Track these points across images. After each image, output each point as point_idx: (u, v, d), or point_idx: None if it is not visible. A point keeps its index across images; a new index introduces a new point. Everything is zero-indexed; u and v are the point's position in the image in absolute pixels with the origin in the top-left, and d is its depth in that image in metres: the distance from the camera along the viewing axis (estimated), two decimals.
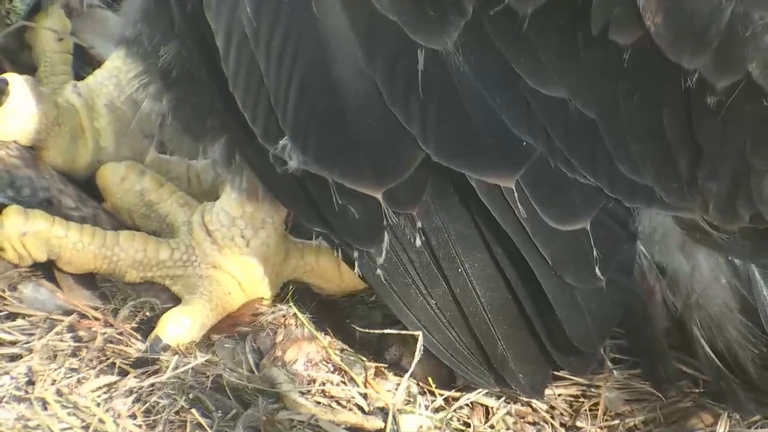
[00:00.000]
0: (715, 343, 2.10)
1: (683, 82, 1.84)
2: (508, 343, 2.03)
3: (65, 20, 2.51)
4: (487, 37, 1.84)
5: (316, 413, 1.98)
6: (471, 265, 1.99)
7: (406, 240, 1.98)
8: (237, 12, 1.84)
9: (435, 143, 1.89)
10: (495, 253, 1.98)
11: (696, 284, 2.07)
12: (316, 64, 1.86)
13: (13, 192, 2.20)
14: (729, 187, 1.92)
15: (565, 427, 2.13)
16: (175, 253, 2.17)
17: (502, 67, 1.86)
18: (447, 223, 1.97)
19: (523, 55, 1.85)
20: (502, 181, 1.92)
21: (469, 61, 1.86)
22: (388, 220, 1.95)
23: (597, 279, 1.98)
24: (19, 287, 2.11)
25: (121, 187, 2.26)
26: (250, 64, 1.87)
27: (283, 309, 2.18)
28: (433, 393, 2.10)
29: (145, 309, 2.12)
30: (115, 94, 2.35)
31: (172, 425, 1.93)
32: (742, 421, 2.12)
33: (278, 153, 1.90)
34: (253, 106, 1.89)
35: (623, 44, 1.83)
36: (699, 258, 2.06)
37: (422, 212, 1.96)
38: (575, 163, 1.91)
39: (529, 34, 1.83)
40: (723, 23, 1.80)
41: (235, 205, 2.15)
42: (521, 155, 1.91)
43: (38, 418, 1.90)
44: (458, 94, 1.87)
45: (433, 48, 1.84)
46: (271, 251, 2.18)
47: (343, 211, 1.94)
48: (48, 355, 2.01)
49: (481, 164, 1.92)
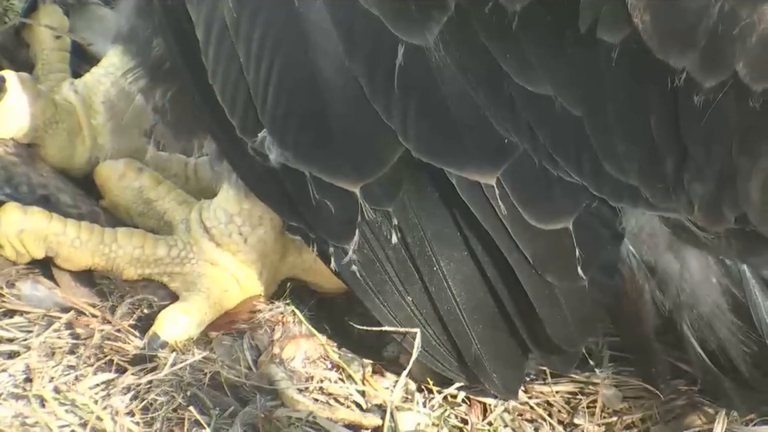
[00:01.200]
0: (707, 343, 2.09)
1: (671, 81, 1.83)
2: (482, 342, 2.02)
3: (63, 18, 2.51)
4: (473, 33, 1.84)
5: (314, 410, 1.98)
6: (447, 264, 1.99)
7: (383, 236, 1.97)
8: (218, 3, 1.84)
9: (415, 139, 1.88)
10: (475, 252, 1.97)
11: (685, 284, 2.06)
12: (297, 57, 1.85)
13: (10, 189, 2.20)
14: (714, 189, 1.91)
15: (563, 424, 2.13)
16: (172, 250, 2.17)
17: (487, 63, 1.85)
18: (423, 221, 1.96)
19: (509, 52, 1.85)
20: (482, 178, 1.91)
21: (453, 56, 1.85)
22: (365, 215, 1.94)
23: (579, 278, 1.97)
24: (16, 284, 2.11)
25: (119, 185, 2.26)
26: (229, 56, 1.86)
27: (280, 306, 2.18)
28: (430, 390, 2.10)
29: (142, 306, 2.12)
30: (113, 92, 2.34)
31: (170, 422, 1.93)
32: (740, 419, 2.12)
33: (257, 146, 1.90)
34: (231, 98, 1.89)
35: (611, 42, 1.82)
36: (688, 257, 2.05)
37: (398, 209, 1.95)
38: (560, 162, 1.90)
39: (517, 31, 1.82)
40: (711, 21, 1.79)
41: (232, 202, 2.15)
42: (503, 152, 1.90)
43: (36, 415, 1.90)
44: (439, 89, 1.86)
45: (415, 43, 1.83)
46: (268, 248, 2.18)
47: (319, 206, 1.93)
48: (46, 352, 2.01)
49: (461, 161, 1.91)
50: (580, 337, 2.06)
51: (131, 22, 2.02)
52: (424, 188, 1.95)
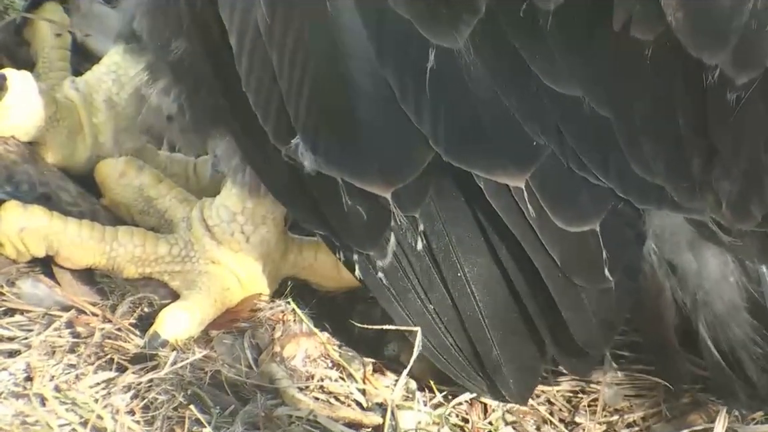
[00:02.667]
0: (720, 343, 2.09)
1: (704, 78, 1.84)
2: (502, 348, 2.02)
3: (64, 16, 2.50)
4: (503, 34, 1.84)
5: (315, 409, 1.98)
6: (470, 269, 1.98)
7: (407, 243, 1.97)
8: (251, 11, 1.83)
9: (445, 142, 1.88)
10: (499, 255, 1.97)
11: (704, 282, 2.06)
12: (329, 62, 1.85)
13: (11, 187, 2.20)
14: (742, 186, 1.91)
15: (564, 422, 2.12)
16: (173, 248, 2.17)
17: (517, 65, 1.85)
18: (448, 226, 1.97)
19: (538, 53, 1.85)
20: (511, 181, 1.91)
21: (482, 58, 1.84)
22: (396, 221, 1.95)
23: (606, 280, 1.98)
24: (17, 283, 2.11)
25: (119, 183, 2.26)
26: (263, 63, 1.86)
27: (281, 305, 2.18)
28: (431, 389, 2.10)
29: (143, 305, 2.12)
30: (114, 90, 2.34)
31: (171, 421, 1.93)
32: (742, 418, 2.12)
33: (290, 153, 1.90)
34: (264, 105, 1.89)
35: (644, 40, 1.82)
36: (707, 256, 2.05)
37: (425, 215, 1.95)
38: (587, 163, 1.90)
39: (547, 32, 1.82)
40: (744, 18, 1.79)
41: (235, 200, 2.15)
42: (532, 154, 1.90)
43: (36, 414, 1.90)
44: (469, 92, 1.86)
45: (445, 46, 1.83)
46: (270, 247, 2.18)
47: (348, 212, 1.93)
48: (46, 351, 2.01)
49: (491, 164, 1.91)
50: (604, 340, 2.05)
51: (145, 23, 2.01)
52: (449, 193, 1.95)
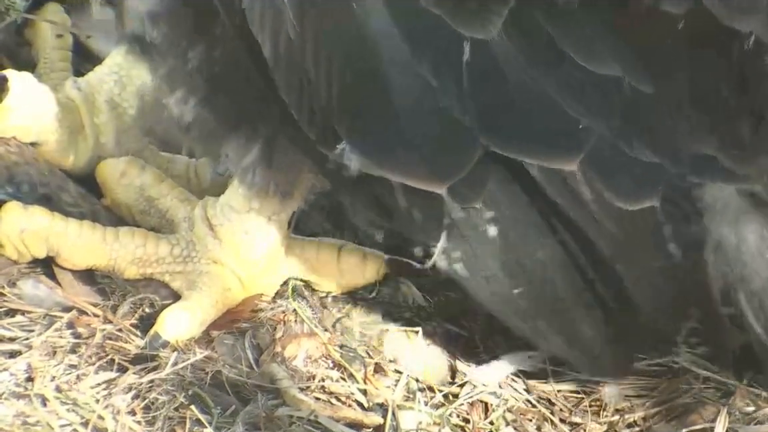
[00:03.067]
0: (760, 318, 2.07)
1: (739, 46, 1.84)
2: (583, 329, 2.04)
3: (65, 17, 2.51)
4: (535, 20, 1.84)
5: (316, 409, 1.98)
6: (544, 252, 1.99)
7: (478, 232, 1.97)
8: (280, 20, 1.83)
9: (491, 133, 1.88)
10: (563, 240, 1.98)
11: (743, 256, 2.04)
12: (365, 65, 1.85)
13: (12, 188, 2.20)
14: None
15: (565, 422, 2.12)
16: (175, 248, 2.17)
17: (553, 50, 1.85)
18: (514, 211, 1.96)
19: (573, 36, 1.85)
20: (564, 165, 1.91)
21: (518, 47, 1.84)
22: (449, 216, 1.95)
23: (671, 255, 1.98)
24: (18, 284, 2.11)
25: (120, 183, 2.26)
26: (299, 73, 1.86)
27: (282, 305, 2.18)
28: (432, 389, 2.10)
29: (144, 305, 2.12)
30: (116, 91, 2.34)
31: (171, 421, 1.94)
32: (742, 417, 2.12)
33: (336, 157, 1.90)
34: (308, 113, 1.88)
35: (676, 14, 1.82)
36: (746, 231, 2.03)
37: (489, 202, 1.95)
38: (635, 142, 1.90)
39: (579, 13, 1.82)
40: None
41: (241, 200, 2.14)
42: (581, 137, 1.89)
43: (37, 414, 1.90)
44: (509, 81, 1.86)
45: (479, 38, 1.83)
46: (273, 248, 2.18)
47: (408, 210, 1.94)
48: (47, 351, 2.01)
49: (540, 150, 1.91)
50: (678, 318, 2.06)
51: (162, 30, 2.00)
52: (507, 181, 1.95)
